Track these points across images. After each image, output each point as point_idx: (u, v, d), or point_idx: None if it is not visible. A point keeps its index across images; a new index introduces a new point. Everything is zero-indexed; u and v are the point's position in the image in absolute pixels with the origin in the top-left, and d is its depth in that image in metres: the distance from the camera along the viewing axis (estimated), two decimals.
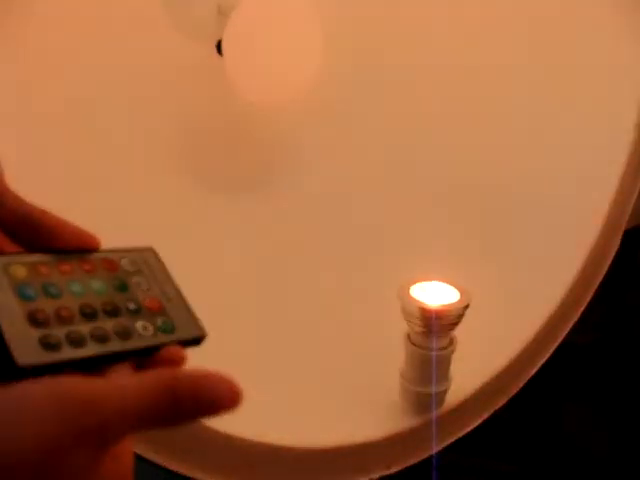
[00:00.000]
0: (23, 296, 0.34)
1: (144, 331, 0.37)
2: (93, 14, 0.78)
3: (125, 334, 0.36)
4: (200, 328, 0.40)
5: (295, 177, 0.94)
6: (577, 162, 0.90)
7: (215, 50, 0.83)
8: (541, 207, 0.91)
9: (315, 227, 0.93)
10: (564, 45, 0.91)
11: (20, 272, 0.35)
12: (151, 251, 0.42)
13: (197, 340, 0.39)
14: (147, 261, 0.41)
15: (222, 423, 0.68)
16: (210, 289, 0.79)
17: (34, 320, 0.33)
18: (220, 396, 0.33)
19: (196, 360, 0.40)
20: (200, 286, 0.71)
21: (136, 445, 0.63)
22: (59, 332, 0.34)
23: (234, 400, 0.33)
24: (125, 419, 0.31)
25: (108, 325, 0.36)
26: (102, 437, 0.31)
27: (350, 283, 0.89)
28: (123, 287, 0.38)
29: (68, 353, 0.33)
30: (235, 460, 0.70)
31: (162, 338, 0.37)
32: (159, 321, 0.38)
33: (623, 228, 0.91)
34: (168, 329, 0.38)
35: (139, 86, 0.83)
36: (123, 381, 0.33)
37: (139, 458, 0.65)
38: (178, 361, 0.37)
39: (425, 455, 0.79)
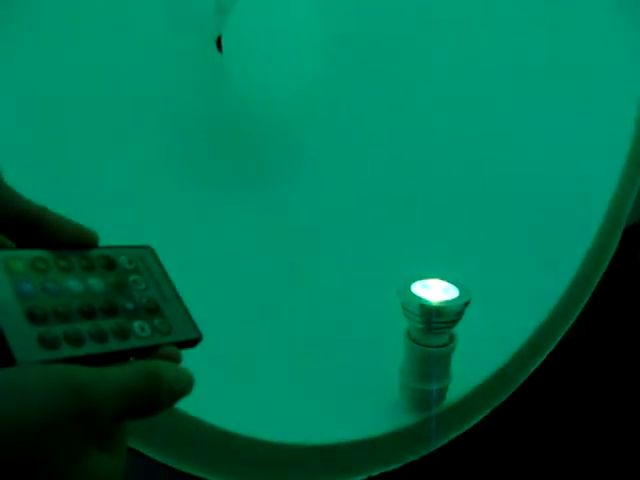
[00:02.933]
0: (22, 292, 0.34)
1: (141, 331, 0.37)
2: (91, 10, 0.77)
3: (123, 334, 0.36)
4: (196, 330, 0.40)
5: (296, 174, 0.94)
6: (577, 160, 0.90)
7: (215, 47, 0.83)
8: (541, 204, 0.91)
9: (316, 225, 0.93)
10: (562, 43, 0.91)
11: (19, 268, 0.35)
12: (149, 250, 0.42)
13: (193, 342, 0.39)
14: (145, 260, 0.41)
15: (221, 421, 0.68)
16: (209, 286, 0.79)
17: (33, 317, 0.33)
18: (189, 384, 0.37)
19: (195, 358, 0.40)
20: (199, 283, 0.72)
21: (135, 442, 0.63)
22: (58, 330, 0.33)
23: (191, 388, 0.37)
24: (110, 405, 0.32)
25: (106, 324, 0.35)
26: (90, 424, 0.31)
27: (350, 279, 0.89)
28: (121, 286, 0.38)
29: (66, 351, 0.33)
30: (234, 458, 0.70)
31: (158, 339, 0.37)
32: (156, 322, 0.38)
33: (623, 225, 0.91)
34: (165, 330, 0.38)
35: (138, 83, 0.83)
36: (109, 370, 0.33)
37: (140, 456, 0.65)
38: (174, 361, 0.37)
39: (425, 452, 0.79)
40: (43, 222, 0.37)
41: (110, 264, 0.39)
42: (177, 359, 0.37)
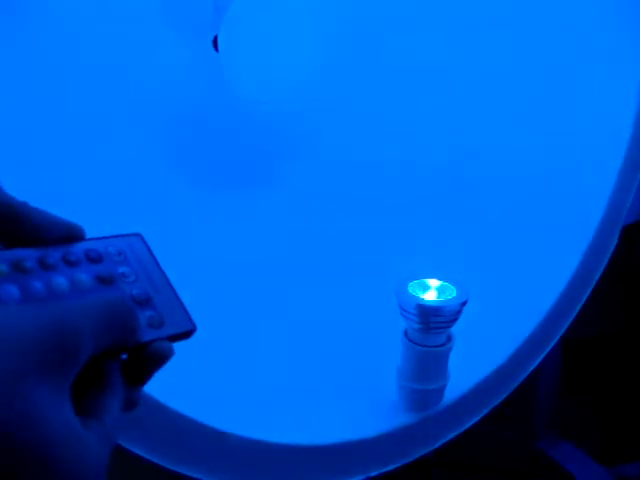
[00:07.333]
0: (6, 296, 0.33)
1: None
2: (86, 9, 0.77)
3: None
4: (190, 321, 0.38)
5: (293, 173, 0.94)
6: (575, 157, 0.90)
7: (211, 46, 0.83)
8: (539, 203, 0.91)
9: (313, 223, 0.92)
10: (560, 41, 0.91)
11: (2, 270, 0.34)
12: (138, 237, 0.40)
13: (187, 334, 0.38)
14: (134, 248, 0.39)
15: (217, 420, 0.67)
16: (206, 283, 0.79)
17: None
18: None
19: (191, 356, 0.39)
20: (197, 280, 0.71)
21: (127, 441, 0.63)
22: None
23: None
24: (87, 327, 0.31)
25: None
26: (63, 359, 0.30)
27: (347, 279, 0.89)
28: (109, 280, 0.37)
29: None
30: (230, 458, 0.70)
31: (150, 334, 0.36)
32: (147, 315, 0.37)
33: (621, 224, 0.91)
34: (156, 324, 0.37)
35: (135, 82, 0.83)
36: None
37: (140, 462, 0.65)
38: (166, 356, 0.36)
39: (423, 452, 0.79)
40: (26, 218, 0.36)
41: (97, 257, 0.38)
42: (169, 355, 0.36)
